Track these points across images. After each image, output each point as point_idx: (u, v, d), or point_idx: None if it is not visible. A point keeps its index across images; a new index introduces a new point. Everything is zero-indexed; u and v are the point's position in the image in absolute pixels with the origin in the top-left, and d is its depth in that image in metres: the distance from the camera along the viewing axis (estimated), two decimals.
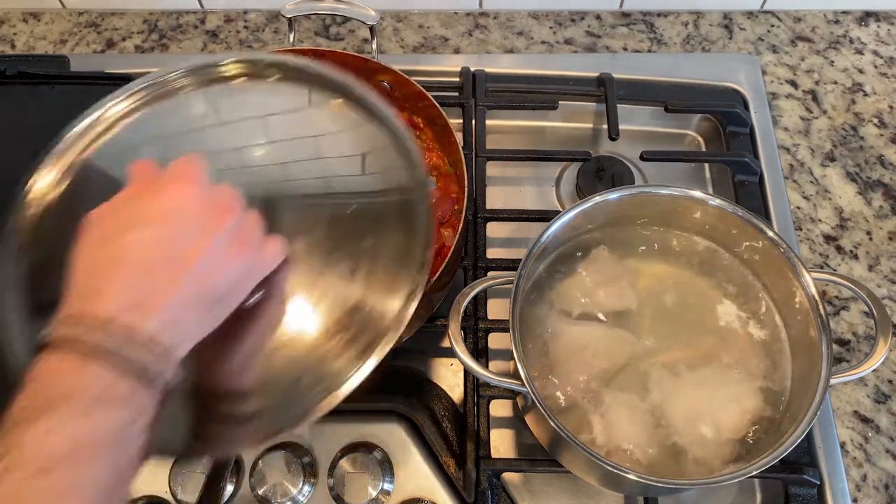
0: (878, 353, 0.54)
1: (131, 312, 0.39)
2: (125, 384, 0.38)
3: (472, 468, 0.61)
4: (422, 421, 0.64)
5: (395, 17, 0.94)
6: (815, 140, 0.84)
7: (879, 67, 0.90)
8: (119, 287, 0.40)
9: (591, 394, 0.58)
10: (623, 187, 0.62)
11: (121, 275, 0.40)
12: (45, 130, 0.78)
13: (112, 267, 0.41)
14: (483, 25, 0.94)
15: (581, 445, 0.51)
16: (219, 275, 0.43)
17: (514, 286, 0.56)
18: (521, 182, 0.82)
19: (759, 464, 0.50)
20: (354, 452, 0.63)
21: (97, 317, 0.39)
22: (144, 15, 0.94)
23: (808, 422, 0.51)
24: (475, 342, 0.67)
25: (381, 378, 0.66)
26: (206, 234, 0.43)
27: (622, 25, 0.93)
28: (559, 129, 0.85)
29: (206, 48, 0.91)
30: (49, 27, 0.94)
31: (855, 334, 0.72)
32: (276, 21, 0.94)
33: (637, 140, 0.83)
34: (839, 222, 0.79)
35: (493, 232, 0.74)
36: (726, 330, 0.61)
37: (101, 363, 0.37)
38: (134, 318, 0.39)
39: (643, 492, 0.62)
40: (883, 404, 0.69)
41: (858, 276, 0.75)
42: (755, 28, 0.93)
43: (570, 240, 0.64)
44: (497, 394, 0.65)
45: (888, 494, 0.64)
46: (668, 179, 0.81)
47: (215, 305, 0.43)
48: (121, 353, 0.38)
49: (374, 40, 0.77)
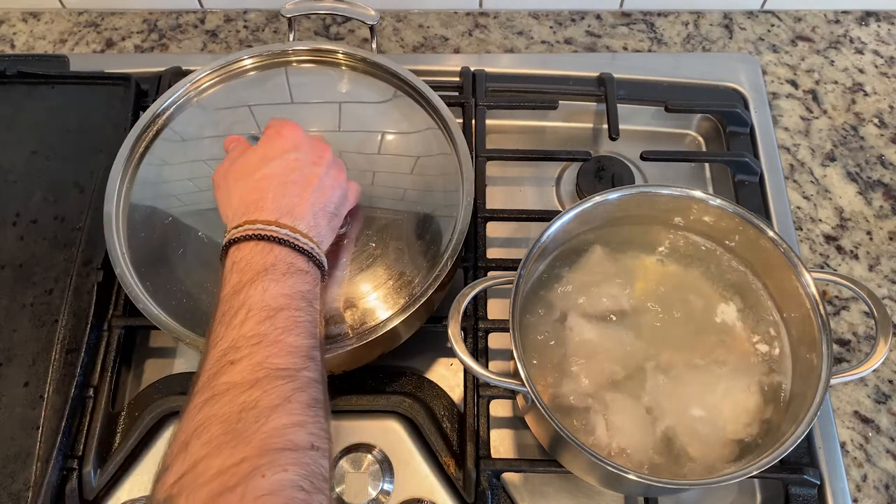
0: (878, 354, 0.54)
1: (286, 217, 0.52)
2: (302, 261, 0.51)
3: (472, 468, 0.61)
4: (422, 421, 0.64)
5: (394, 16, 0.94)
6: (816, 140, 0.84)
7: (880, 67, 0.89)
8: (272, 201, 0.53)
9: (592, 394, 0.58)
10: (623, 187, 0.62)
11: (270, 194, 0.53)
12: (45, 130, 0.78)
13: (262, 189, 0.53)
14: (483, 25, 0.93)
15: (581, 445, 0.51)
16: (331, 193, 0.56)
17: (514, 286, 0.56)
18: (521, 182, 0.82)
19: (760, 464, 0.50)
20: (354, 452, 0.63)
21: (267, 220, 0.51)
22: (144, 15, 0.94)
23: (808, 422, 0.51)
24: (475, 342, 0.66)
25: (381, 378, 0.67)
26: (316, 163, 0.56)
27: (622, 25, 0.93)
28: (559, 129, 0.85)
29: (205, 48, 0.91)
30: (49, 27, 0.93)
31: (855, 334, 0.72)
32: (275, 21, 0.94)
33: (637, 140, 0.83)
34: (839, 222, 0.79)
35: (493, 232, 0.74)
36: (726, 330, 0.61)
37: (282, 247, 0.50)
38: (290, 220, 0.52)
39: (643, 492, 0.62)
40: (883, 404, 0.69)
41: (859, 276, 0.75)
42: (755, 28, 0.93)
43: (570, 240, 0.64)
44: (497, 394, 0.65)
45: (888, 494, 0.64)
46: (668, 179, 0.81)
47: (332, 217, 0.57)
48: (292, 240, 0.51)
49: (374, 40, 0.77)
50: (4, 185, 0.75)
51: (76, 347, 0.65)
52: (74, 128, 0.78)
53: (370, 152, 0.67)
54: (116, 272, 0.61)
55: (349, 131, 0.68)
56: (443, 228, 0.63)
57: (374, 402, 0.65)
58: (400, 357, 0.68)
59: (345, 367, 0.64)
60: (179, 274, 0.61)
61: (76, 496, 0.61)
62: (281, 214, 0.52)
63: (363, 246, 0.62)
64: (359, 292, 0.60)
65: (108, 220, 0.63)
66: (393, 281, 0.61)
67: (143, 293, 0.60)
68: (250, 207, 0.53)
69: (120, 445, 0.64)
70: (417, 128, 0.69)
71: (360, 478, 0.61)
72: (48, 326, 0.67)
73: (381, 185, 0.66)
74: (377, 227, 0.63)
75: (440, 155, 0.67)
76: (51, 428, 0.62)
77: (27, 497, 0.60)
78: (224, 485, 0.39)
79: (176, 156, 0.68)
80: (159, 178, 0.67)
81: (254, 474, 0.39)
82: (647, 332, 0.61)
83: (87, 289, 0.68)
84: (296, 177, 0.55)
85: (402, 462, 0.63)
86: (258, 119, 0.69)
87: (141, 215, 0.64)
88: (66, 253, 0.70)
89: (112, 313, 0.68)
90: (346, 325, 0.59)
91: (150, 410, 0.64)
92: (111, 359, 0.66)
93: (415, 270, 0.61)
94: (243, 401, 0.43)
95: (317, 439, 0.43)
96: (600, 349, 0.60)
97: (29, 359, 0.66)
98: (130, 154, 0.67)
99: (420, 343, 0.68)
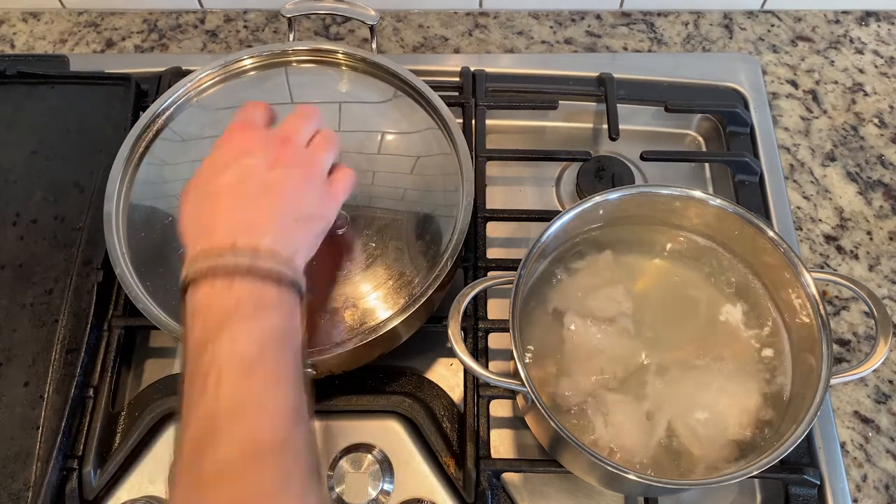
0: (878, 354, 0.54)
1: (244, 234, 0.45)
2: (270, 290, 0.44)
3: (471, 468, 0.61)
4: (422, 421, 0.64)
5: (394, 16, 0.94)
6: (816, 140, 0.84)
7: (880, 67, 0.89)
8: (226, 219, 0.46)
9: (592, 394, 0.58)
10: (623, 187, 0.62)
11: (222, 210, 0.46)
12: (45, 130, 0.78)
13: (213, 207, 0.47)
14: (483, 25, 0.93)
15: (581, 445, 0.51)
16: (300, 195, 0.49)
17: (515, 286, 0.56)
18: (521, 182, 0.82)
19: (760, 464, 0.50)
20: (354, 452, 0.62)
21: (222, 246, 0.44)
22: (144, 15, 0.94)
23: (808, 422, 0.51)
24: (475, 342, 0.66)
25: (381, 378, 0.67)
26: (274, 165, 0.49)
27: (622, 25, 0.93)
28: (559, 129, 0.85)
29: (205, 48, 0.91)
30: (49, 27, 0.93)
31: (855, 334, 0.72)
32: (275, 21, 0.94)
33: (637, 140, 0.83)
34: (839, 222, 0.79)
35: (493, 232, 0.74)
36: (727, 330, 0.61)
37: (243, 279, 0.43)
38: (250, 238, 0.45)
39: (643, 492, 0.62)
40: (883, 404, 0.69)
41: (859, 277, 0.75)
42: (755, 28, 0.93)
43: (570, 240, 0.64)
44: (497, 394, 0.65)
45: (888, 495, 0.64)
46: (668, 179, 0.81)
47: (309, 221, 0.50)
48: (255, 266, 0.44)
49: (374, 40, 0.77)
50: (4, 185, 0.75)
51: (76, 347, 0.65)
52: (74, 128, 0.78)
53: (370, 152, 0.67)
54: (116, 272, 0.61)
55: (349, 131, 0.68)
56: (443, 228, 0.63)
57: (374, 402, 0.65)
58: (400, 357, 0.68)
59: (345, 366, 0.64)
60: (179, 274, 0.61)
61: (76, 496, 0.61)
62: (238, 233, 0.45)
63: (363, 246, 0.62)
64: (359, 292, 0.60)
65: (108, 219, 0.63)
66: (393, 281, 0.61)
67: (143, 293, 0.60)
68: (202, 231, 0.47)
69: (120, 445, 0.64)
70: (417, 128, 0.69)
71: (360, 478, 0.61)
72: (48, 326, 0.67)
73: (381, 184, 0.66)
74: (377, 227, 0.63)
75: (440, 155, 0.67)
76: (51, 428, 0.62)
77: (27, 497, 0.60)
78: None
79: (176, 156, 0.68)
80: (159, 178, 0.66)
81: None
82: (647, 333, 0.61)
83: (87, 289, 0.68)
84: (251, 185, 0.48)
85: (402, 462, 0.63)
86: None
87: (141, 215, 0.64)
88: (66, 253, 0.70)
89: (112, 313, 0.68)
90: (346, 325, 0.59)
91: (151, 410, 0.64)
92: (111, 359, 0.66)
93: (415, 270, 0.61)
94: (237, 491, 0.38)
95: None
96: (600, 349, 0.60)
97: (29, 359, 0.66)
98: (130, 154, 0.67)
99: (420, 343, 0.68)
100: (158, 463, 0.63)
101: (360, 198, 0.63)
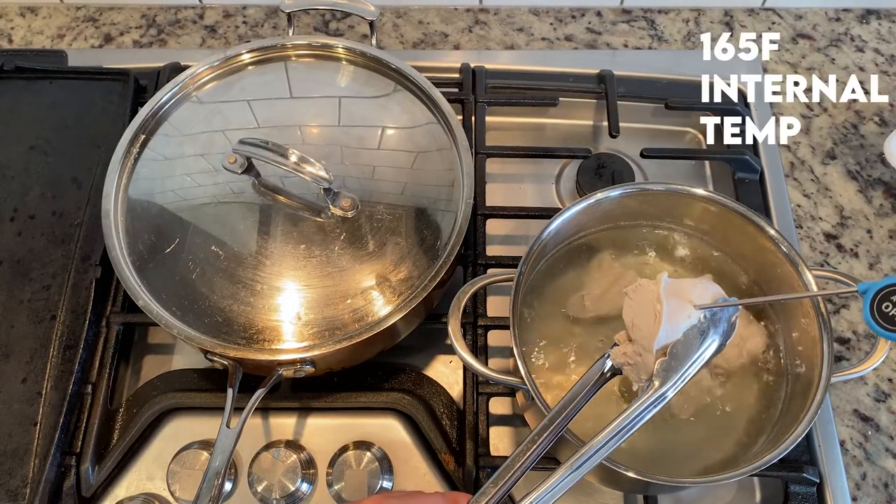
0: (878, 352, 0.54)
1: None
2: None
3: (471, 466, 0.61)
4: (421, 418, 0.64)
5: (394, 12, 0.94)
6: (816, 138, 0.84)
7: (880, 65, 0.89)
8: None
9: None
10: (623, 185, 0.62)
11: None
12: (43, 125, 0.78)
13: None
14: (483, 21, 0.93)
15: (581, 443, 0.51)
16: None
17: (515, 283, 0.56)
18: (521, 179, 0.81)
19: (760, 462, 0.50)
20: (353, 450, 0.62)
21: None
22: (143, 10, 0.94)
23: (808, 420, 0.51)
24: (475, 339, 0.66)
25: (380, 375, 0.67)
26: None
27: (623, 22, 0.93)
28: (559, 126, 0.85)
29: (204, 43, 0.91)
30: (47, 22, 0.93)
31: (855, 333, 0.72)
32: (274, 16, 0.93)
33: (637, 137, 0.83)
34: (840, 220, 0.78)
35: (493, 229, 0.74)
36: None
37: None
38: None
39: (643, 490, 0.62)
40: (883, 403, 0.69)
41: (859, 275, 0.75)
42: (756, 25, 0.93)
43: (570, 237, 0.64)
44: (496, 391, 0.64)
45: (888, 493, 0.64)
46: (668, 177, 0.80)
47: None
48: None
49: (374, 36, 0.76)
50: (2, 181, 0.75)
51: (74, 344, 0.65)
52: (72, 123, 0.78)
53: (369, 147, 0.67)
54: (115, 268, 0.61)
55: (348, 126, 0.68)
56: (442, 225, 0.63)
57: (373, 399, 0.65)
58: (399, 354, 0.68)
59: (344, 363, 0.63)
60: (178, 270, 0.61)
61: (74, 493, 0.61)
62: None
63: (363, 242, 0.62)
64: (358, 289, 0.60)
65: (107, 215, 0.63)
66: (392, 277, 0.61)
67: (142, 289, 0.60)
68: None
69: (118, 442, 0.63)
70: (417, 123, 0.69)
71: (359, 475, 0.61)
72: (46, 322, 0.67)
73: (380, 180, 0.65)
74: (376, 222, 0.63)
75: (440, 150, 0.67)
76: (49, 424, 0.62)
77: (25, 493, 0.60)
78: None
79: (174, 151, 0.67)
80: (158, 173, 0.66)
81: None
82: None
83: (86, 285, 0.68)
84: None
85: (402, 459, 0.63)
86: (257, 114, 0.68)
87: (139, 211, 0.64)
88: (64, 249, 0.70)
89: (110, 309, 0.68)
90: (346, 322, 0.59)
91: (149, 407, 0.64)
92: (109, 355, 0.65)
93: (414, 267, 0.61)
94: None
95: None
96: (601, 347, 0.60)
97: (27, 355, 0.65)
98: (129, 149, 0.66)
99: (419, 340, 0.68)
100: (156, 460, 0.63)
101: (360, 193, 0.63)
